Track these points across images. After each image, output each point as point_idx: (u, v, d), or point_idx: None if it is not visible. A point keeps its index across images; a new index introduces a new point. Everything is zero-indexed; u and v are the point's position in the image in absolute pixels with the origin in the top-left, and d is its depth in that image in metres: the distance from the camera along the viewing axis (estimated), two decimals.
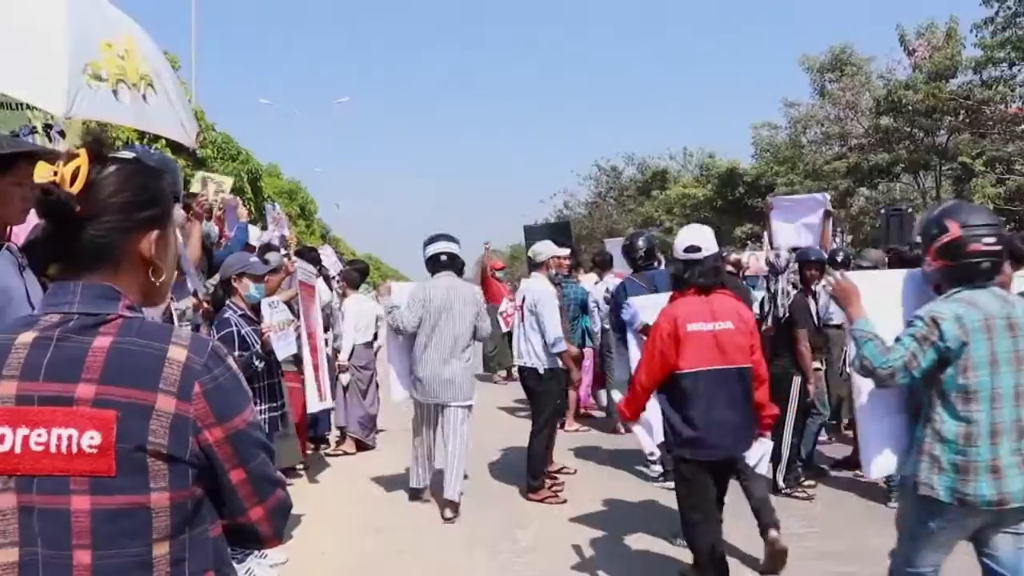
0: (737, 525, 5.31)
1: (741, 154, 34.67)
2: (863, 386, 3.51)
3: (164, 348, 1.47)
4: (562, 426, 8.69)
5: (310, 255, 8.80)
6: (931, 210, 3.97)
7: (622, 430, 9.39)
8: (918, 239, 4.09)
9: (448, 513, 6.38)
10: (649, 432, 4.88)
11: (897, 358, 3.22)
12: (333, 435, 8.99)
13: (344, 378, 8.68)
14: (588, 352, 9.93)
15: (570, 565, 5.49)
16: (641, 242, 7.01)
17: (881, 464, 3.59)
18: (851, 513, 6.38)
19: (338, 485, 7.54)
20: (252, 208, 16.66)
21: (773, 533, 5.10)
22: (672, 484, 4.95)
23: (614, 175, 41.50)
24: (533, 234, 11.72)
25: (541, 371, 6.90)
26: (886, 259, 7.79)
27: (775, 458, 7.03)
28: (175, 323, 4.47)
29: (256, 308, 5.57)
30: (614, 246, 11.46)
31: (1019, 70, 18.84)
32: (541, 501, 6.85)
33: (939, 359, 3.19)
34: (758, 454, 4.47)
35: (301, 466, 7.64)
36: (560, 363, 7.09)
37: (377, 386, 9.13)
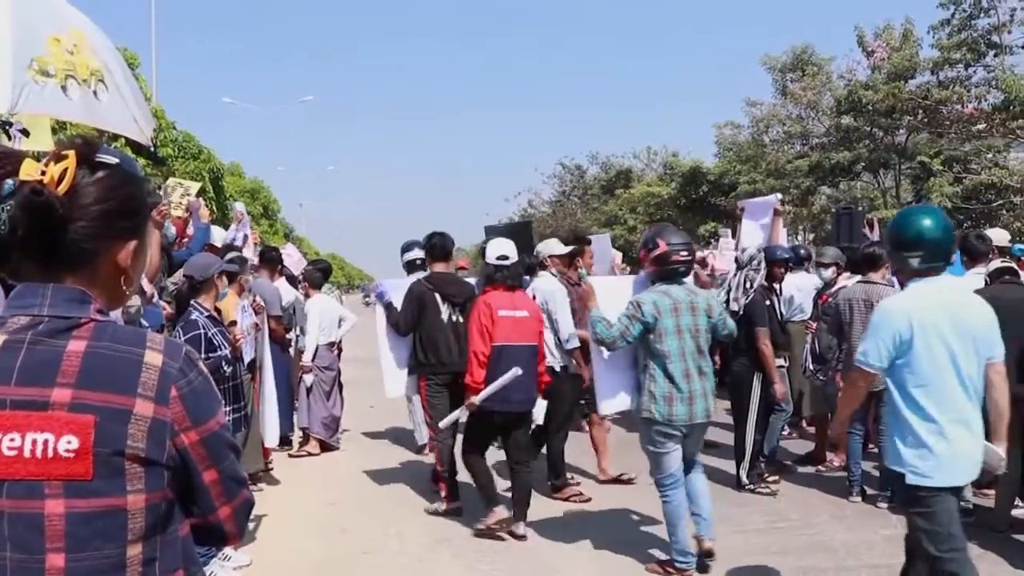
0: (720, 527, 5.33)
1: (704, 153, 34.99)
2: (598, 351, 5.31)
3: (140, 353, 1.48)
4: (580, 428, 8.36)
5: (272, 254, 8.73)
6: (649, 232, 5.46)
7: (585, 427, 9.42)
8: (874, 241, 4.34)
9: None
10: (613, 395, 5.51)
11: (616, 331, 5.06)
12: (296, 436, 8.92)
13: (308, 379, 8.63)
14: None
15: (535, 564, 5.49)
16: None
17: (612, 404, 5.47)
18: (814, 508, 6.44)
19: (303, 486, 7.49)
20: (214, 207, 16.49)
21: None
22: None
23: (578, 174, 41.56)
24: (494, 234, 11.72)
25: (557, 368, 6.82)
26: (844, 256, 7.88)
27: (738, 454, 7.09)
28: (123, 320, 4.41)
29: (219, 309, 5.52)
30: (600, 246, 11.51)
31: (974, 71, 19.13)
32: (566, 500, 6.84)
33: (644, 329, 5.02)
34: (540, 411, 6.20)
35: (266, 467, 7.57)
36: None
37: (341, 387, 9.08)
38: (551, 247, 7.45)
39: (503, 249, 5.98)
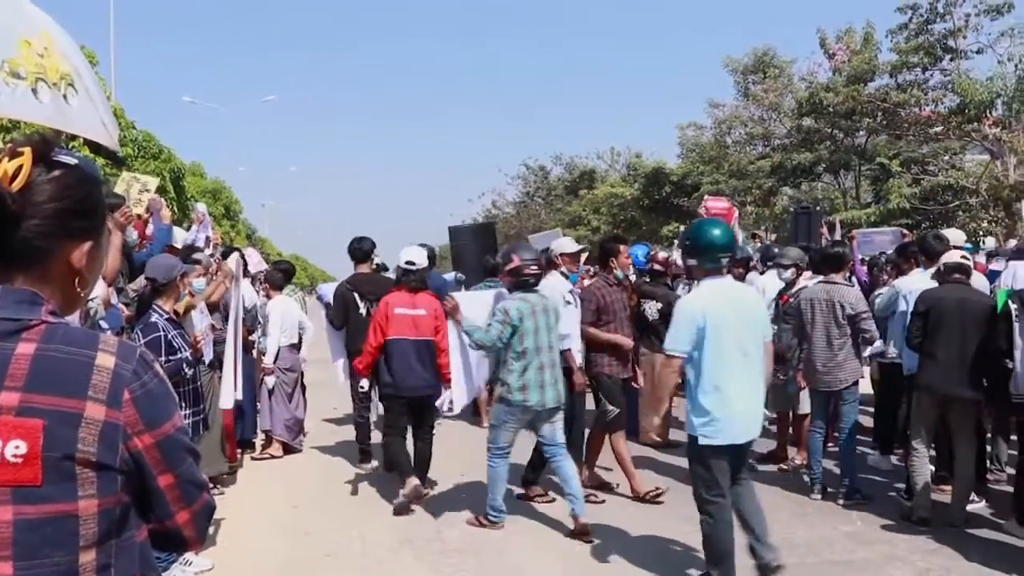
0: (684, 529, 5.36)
1: (667, 154, 35.09)
2: (458, 358, 6.28)
3: (92, 355, 1.44)
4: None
5: (232, 255, 8.64)
6: (505, 248, 6.42)
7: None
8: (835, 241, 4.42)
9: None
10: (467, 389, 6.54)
11: (493, 335, 5.82)
12: (259, 439, 8.83)
13: (269, 381, 8.52)
14: None
15: (499, 565, 5.49)
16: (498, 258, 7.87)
17: (462, 402, 6.59)
18: (776, 506, 6.49)
19: (265, 489, 7.42)
20: (175, 208, 16.29)
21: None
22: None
23: (542, 175, 41.68)
24: (458, 235, 11.72)
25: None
26: (805, 257, 7.94)
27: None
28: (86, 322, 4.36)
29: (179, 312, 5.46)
30: (541, 243, 11.53)
31: (931, 75, 19.46)
32: (531, 499, 6.80)
33: (512, 331, 5.81)
34: (446, 399, 6.61)
35: (228, 471, 7.49)
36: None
37: (304, 389, 9.00)
38: (562, 245, 7.29)
39: (412, 256, 6.83)
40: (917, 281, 6.78)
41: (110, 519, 1.44)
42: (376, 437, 7.99)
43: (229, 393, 6.38)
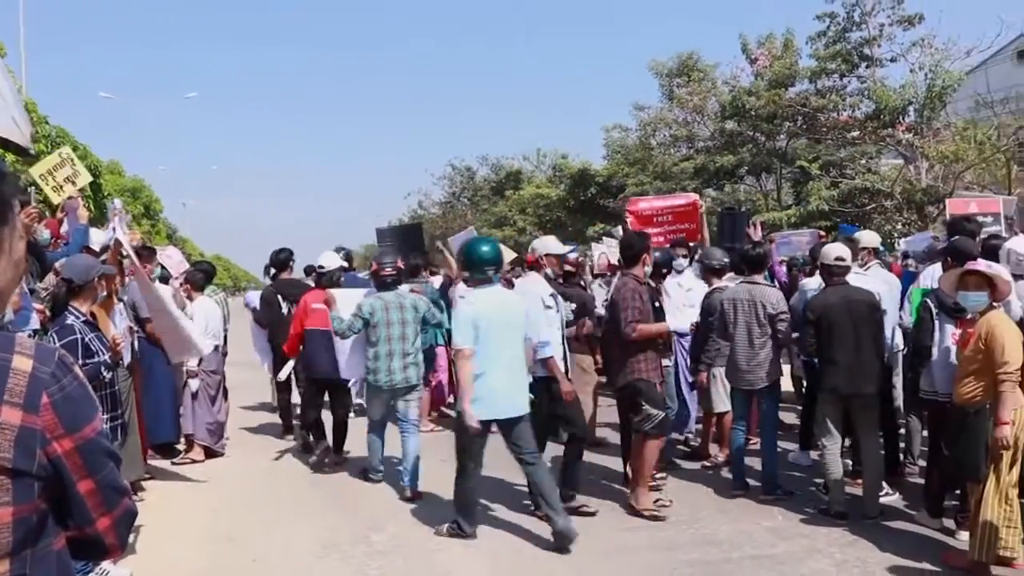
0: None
1: (593, 155, 35.29)
2: (343, 342, 7.41)
3: (7, 358, 1.39)
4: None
5: (147, 254, 8.42)
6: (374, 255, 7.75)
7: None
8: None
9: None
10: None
11: (346, 325, 7.05)
12: (181, 444, 8.63)
13: (193, 384, 8.33)
14: (442, 351, 9.93)
15: (426, 566, 5.47)
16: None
17: (350, 374, 7.67)
18: (699, 503, 6.60)
19: (186, 494, 7.27)
20: (91, 206, 15.82)
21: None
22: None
23: (468, 175, 41.56)
24: (384, 236, 11.63)
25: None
26: (727, 257, 8.06)
27: (625, 452, 7.21)
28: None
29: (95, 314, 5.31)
30: (455, 243, 11.51)
31: (848, 81, 19.96)
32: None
33: (365, 323, 7.01)
34: (352, 378, 7.83)
35: (147, 476, 7.31)
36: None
37: (226, 391, 8.84)
38: (547, 245, 6.96)
39: (323, 260, 8.35)
40: (814, 282, 6.99)
41: (26, 528, 1.38)
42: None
43: (202, 341, 7.24)
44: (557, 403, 6.27)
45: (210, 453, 8.47)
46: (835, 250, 6.40)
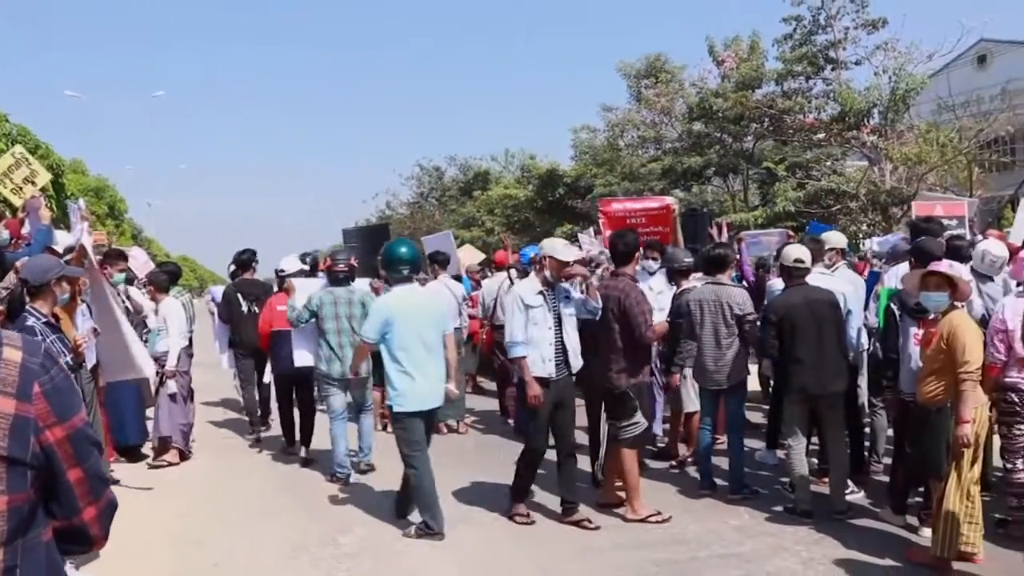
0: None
1: (561, 156, 35.36)
2: (295, 331, 7.75)
3: None
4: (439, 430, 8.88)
5: (117, 255, 8.34)
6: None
7: (445, 430, 9.48)
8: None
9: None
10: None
11: (295, 315, 7.44)
12: (150, 446, 8.51)
13: (171, 385, 8.22)
14: None
15: (394, 567, 5.46)
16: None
17: (301, 359, 7.78)
18: (667, 502, 6.62)
19: (151, 497, 7.18)
20: (54, 207, 15.61)
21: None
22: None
23: (436, 175, 41.48)
24: (351, 237, 11.58)
25: (516, 380, 6.68)
26: (689, 258, 8.09)
27: (592, 452, 7.24)
28: None
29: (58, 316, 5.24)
30: (433, 245, 11.50)
31: (814, 83, 20.19)
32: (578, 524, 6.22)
33: (313, 314, 7.38)
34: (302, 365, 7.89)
35: (113, 480, 7.22)
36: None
37: (192, 393, 8.76)
38: (556, 249, 6.21)
39: (282, 264, 9.08)
40: (781, 282, 7.05)
41: (18, 517, 1.40)
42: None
43: (147, 366, 6.95)
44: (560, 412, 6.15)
45: (182, 456, 8.38)
46: (795, 252, 6.47)
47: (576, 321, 6.25)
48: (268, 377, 9.13)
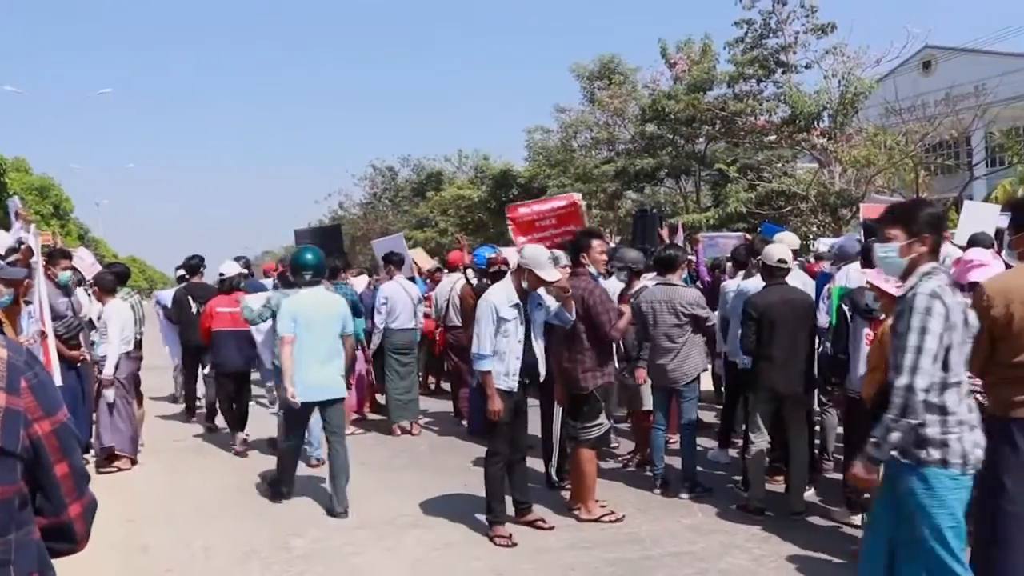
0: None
1: (515, 157, 35.42)
2: (260, 336, 8.46)
3: None
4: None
5: (61, 255, 8.11)
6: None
7: (398, 432, 9.39)
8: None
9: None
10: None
11: (255, 314, 7.37)
12: (92, 454, 8.25)
13: (109, 394, 7.82)
14: (360, 356, 9.81)
15: (346, 570, 5.39)
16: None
17: (267, 357, 8.30)
18: (622, 502, 6.63)
19: (100, 503, 6.99)
20: None
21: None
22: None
23: (389, 176, 41.36)
24: (303, 238, 11.47)
25: (474, 384, 6.67)
26: (641, 260, 8.11)
27: (546, 453, 7.22)
28: None
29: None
30: (385, 247, 11.44)
31: (765, 86, 20.49)
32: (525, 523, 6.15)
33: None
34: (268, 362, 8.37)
35: None
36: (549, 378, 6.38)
37: (141, 396, 8.57)
38: (540, 263, 5.79)
39: (223, 268, 9.65)
40: (733, 284, 7.10)
41: (10, 510, 1.42)
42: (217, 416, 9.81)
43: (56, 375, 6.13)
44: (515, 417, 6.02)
45: (132, 462, 8.14)
46: (778, 252, 6.51)
47: (544, 325, 6.13)
48: (208, 370, 9.85)
